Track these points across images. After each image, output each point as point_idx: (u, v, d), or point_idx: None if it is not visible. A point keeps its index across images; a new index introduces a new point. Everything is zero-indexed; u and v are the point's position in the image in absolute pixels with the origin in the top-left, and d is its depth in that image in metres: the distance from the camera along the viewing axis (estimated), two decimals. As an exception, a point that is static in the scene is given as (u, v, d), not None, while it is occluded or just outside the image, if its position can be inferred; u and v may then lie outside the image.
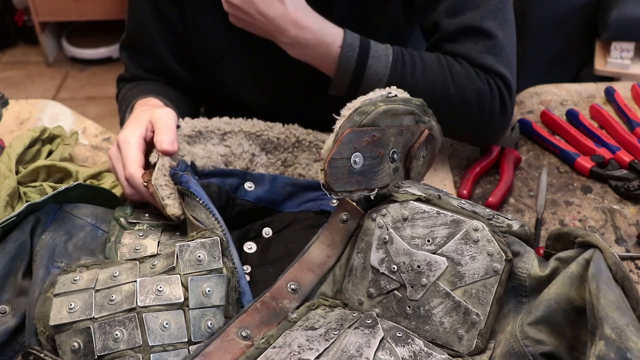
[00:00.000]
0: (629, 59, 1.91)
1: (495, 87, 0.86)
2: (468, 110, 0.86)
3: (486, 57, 0.86)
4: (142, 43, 0.98)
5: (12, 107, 1.13)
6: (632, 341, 0.50)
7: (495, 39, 0.86)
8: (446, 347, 0.60)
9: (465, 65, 0.86)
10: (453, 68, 0.86)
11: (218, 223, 0.66)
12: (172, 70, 1.00)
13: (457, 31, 0.87)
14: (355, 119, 0.65)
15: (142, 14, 0.96)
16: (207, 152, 0.79)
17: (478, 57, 0.86)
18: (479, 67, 0.86)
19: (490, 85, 0.86)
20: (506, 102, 0.88)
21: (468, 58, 0.87)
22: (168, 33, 0.96)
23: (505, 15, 0.88)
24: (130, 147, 0.74)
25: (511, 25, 0.89)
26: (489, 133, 0.92)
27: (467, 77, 0.86)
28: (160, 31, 0.96)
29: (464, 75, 0.86)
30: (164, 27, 0.96)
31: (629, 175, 0.92)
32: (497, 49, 0.87)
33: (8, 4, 3.08)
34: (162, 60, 0.98)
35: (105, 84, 2.90)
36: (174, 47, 0.98)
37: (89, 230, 0.73)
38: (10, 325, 0.65)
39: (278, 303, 0.63)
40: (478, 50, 0.86)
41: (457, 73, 0.86)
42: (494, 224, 0.61)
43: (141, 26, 0.97)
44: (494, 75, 0.87)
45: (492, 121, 0.89)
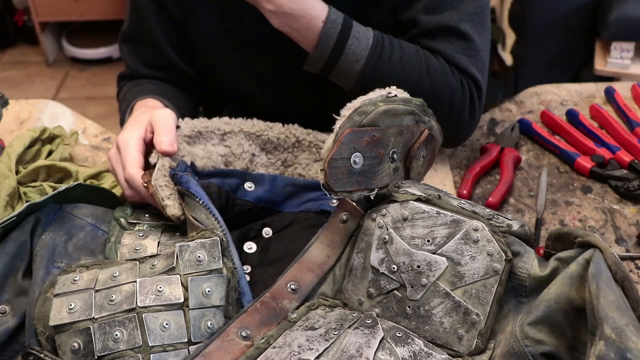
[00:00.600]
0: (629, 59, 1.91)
1: (467, 87, 0.88)
2: (439, 105, 0.84)
3: (461, 58, 0.88)
4: (142, 35, 0.99)
5: (12, 107, 1.13)
6: (632, 341, 0.50)
7: (472, 42, 0.88)
8: (446, 347, 0.60)
9: (441, 61, 0.87)
10: (430, 61, 0.87)
11: (218, 223, 0.66)
12: (172, 62, 1.00)
13: (434, 29, 0.88)
14: (355, 119, 0.65)
15: (142, 6, 0.96)
16: (207, 152, 0.79)
17: (454, 56, 0.87)
18: (454, 66, 0.88)
19: (462, 85, 0.87)
20: (475, 104, 0.89)
21: (444, 55, 0.88)
22: (167, 24, 0.97)
23: (482, 19, 0.89)
24: (129, 148, 0.74)
25: (487, 30, 0.91)
26: (455, 133, 0.92)
27: (443, 73, 0.86)
28: (159, 23, 0.97)
29: (440, 70, 0.87)
30: (164, 18, 0.97)
31: (629, 175, 0.92)
32: (473, 51, 0.88)
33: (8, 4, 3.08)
34: (162, 52, 0.99)
35: (105, 84, 2.90)
36: (173, 39, 0.99)
37: (89, 230, 0.73)
38: (10, 325, 0.65)
39: (278, 303, 0.63)
40: (454, 49, 0.88)
41: (433, 66, 0.86)
42: (494, 224, 0.61)
43: (141, 18, 0.97)
44: (467, 76, 0.88)
45: (460, 121, 0.90)
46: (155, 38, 0.98)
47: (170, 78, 1.02)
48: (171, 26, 0.97)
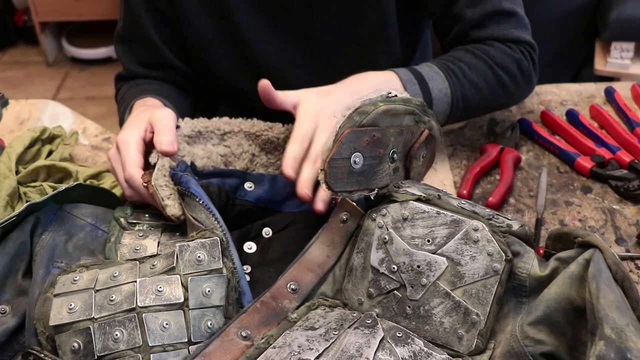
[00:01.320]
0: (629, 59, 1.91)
1: (528, 53, 0.96)
2: (516, 81, 0.95)
3: (513, 32, 0.95)
4: (136, 34, 0.99)
5: (12, 107, 1.13)
6: (632, 341, 0.50)
7: (516, 15, 0.96)
8: (446, 347, 0.60)
9: (496, 45, 0.94)
10: (488, 53, 0.93)
11: (218, 223, 0.66)
12: (167, 61, 1.00)
13: (481, 18, 0.94)
14: (355, 119, 0.65)
15: (134, 5, 0.97)
16: (207, 152, 0.79)
17: (507, 34, 0.95)
18: (510, 41, 0.95)
19: (523, 53, 0.95)
20: (536, 61, 0.98)
21: (497, 38, 0.95)
22: (160, 23, 0.98)
23: None
24: (129, 148, 0.74)
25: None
26: (527, 91, 1.01)
27: (504, 54, 0.94)
28: (152, 21, 0.98)
29: (501, 54, 0.94)
30: (156, 16, 0.97)
31: (629, 175, 0.92)
32: (519, 22, 0.96)
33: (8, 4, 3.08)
34: (157, 51, 0.99)
35: (105, 84, 2.91)
36: (167, 37, 0.99)
37: (89, 230, 0.73)
38: (10, 325, 0.65)
39: (278, 303, 0.63)
40: (505, 28, 0.95)
41: (494, 56, 0.93)
42: (494, 224, 0.61)
43: (134, 17, 0.98)
44: (523, 44, 0.96)
45: (531, 80, 0.98)
46: (149, 37, 0.98)
47: (167, 77, 1.02)
48: (164, 24, 0.98)
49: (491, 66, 0.93)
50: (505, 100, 0.98)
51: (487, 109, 0.99)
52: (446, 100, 0.89)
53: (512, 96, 0.98)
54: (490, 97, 0.94)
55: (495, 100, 0.96)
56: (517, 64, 0.94)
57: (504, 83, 0.93)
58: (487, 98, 0.93)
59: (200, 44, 0.99)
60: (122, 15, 1.00)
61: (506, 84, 0.94)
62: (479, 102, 0.93)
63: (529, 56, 0.96)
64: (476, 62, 0.92)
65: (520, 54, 0.95)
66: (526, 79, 0.97)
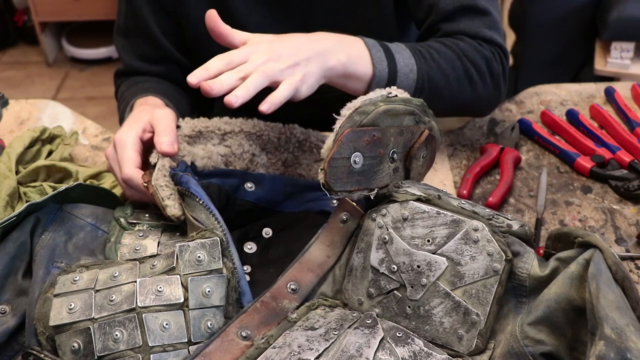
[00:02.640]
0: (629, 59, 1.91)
1: (498, 55, 0.93)
2: (484, 80, 0.92)
3: (485, 31, 0.93)
4: (137, 27, 0.99)
5: (12, 107, 1.13)
6: (632, 341, 0.50)
7: (490, 15, 0.93)
8: (446, 347, 0.60)
9: (467, 40, 0.92)
10: (458, 45, 0.90)
11: (218, 223, 0.66)
12: (168, 54, 1.01)
13: (453, 10, 0.92)
14: (355, 118, 0.65)
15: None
16: (207, 152, 0.79)
17: (478, 32, 0.92)
18: (481, 39, 0.92)
19: (493, 54, 0.93)
20: (506, 68, 0.95)
21: (468, 33, 0.92)
22: (160, 14, 0.98)
23: None
24: (126, 147, 0.74)
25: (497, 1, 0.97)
26: (497, 98, 0.97)
27: (474, 49, 0.91)
28: (153, 13, 0.98)
29: (471, 48, 0.91)
30: (157, 9, 0.98)
31: (629, 175, 0.92)
32: (492, 23, 0.94)
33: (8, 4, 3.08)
34: (158, 43, 0.99)
35: (105, 84, 2.91)
36: (167, 29, 1.00)
37: (89, 230, 0.73)
38: (10, 325, 0.65)
39: (278, 303, 0.63)
40: (476, 25, 0.92)
41: (464, 48, 0.91)
42: (494, 224, 0.61)
43: (135, 9, 0.98)
44: (494, 46, 0.93)
45: (499, 86, 0.95)
46: (150, 29, 0.98)
47: (167, 72, 1.02)
48: (164, 17, 0.98)
49: (460, 57, 0.90)
50: (472, 97, 0.92)
51: (454, 101, 0.92)
52: (412, 77, 0.85)
53: (480, 96, 0.93)
54: (457, 87, 0.90)
55: (461, 93, 0.91)
56: (486, 63, 0.91)
57: (471, 77, 0.90)
58: (454, 88, 0.89)
59: (198, 35, 0.99)
60: (123, 9, 1.01)
61: (474, 79, 0.90)
62: (445, 90, 0.89)
63: (499, 59, 0.93)
64: (445, 50, 0.89)
65: (490, 53, 0.92)
66: (495, 83, 0.93)
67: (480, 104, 0.96)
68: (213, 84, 0.68)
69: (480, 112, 1.01)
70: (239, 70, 0.70)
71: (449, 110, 0.94)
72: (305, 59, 0.74)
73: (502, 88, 0.95)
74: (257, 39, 0.76)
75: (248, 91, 0.69)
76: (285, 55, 0.73)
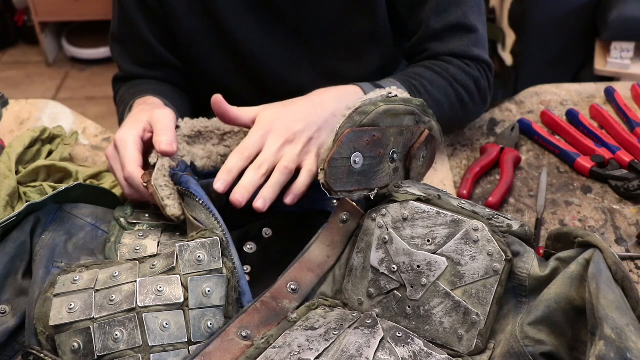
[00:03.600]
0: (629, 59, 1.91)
1: (484, 72, 0.97)
2: (473, 99, 0.96)
3: (473, 50, 0.95)
4: (131, 33, 1.00)
5: (12, 107, 1.13)
6: (632, 341, 0.50)
7: (477, 32, 0.95)
8: (446, 347, 0.60)
9: (455, 63, 0.94)
10: (448, 71, 0.93)
11: (218, 223, 0.66)
12: (163, 58, 1.01)
13: (442, 29, 0.93)
14: (355, 118, 0.65)
15: (127, 4, 0.97)
16: (207, 152, 0.79)
17: (466, 52, 0.95)
18: (469, 59, 0.95)
19: (481, 72, 0.96)
20: (491, 81, 0.99)
21: (457, 54, 0.94)
22: (152, 21, 0.98)
23: (480, 6, 0.96)
24: (127, 147, 0.74)
25: (484, 13, 0.98)
26: (483, 110, 1.02)
27: (463, 72, 0.94)
28: (144, 19, 0.98)
29: (460, 72, 0.93)
30: (148, 15, 0.98)
31: (629, 175, 0.92)
32: (479, 41, 0.96)
33: (8, 4, 3.08)
34: (152, 49, 1.00)
35: (105, 84, 2.90)
36: (160, 35, 1.00)
37: (89, 230, 0.73)
38: (10, 325, 0.65)
39: (278, 303, 0.63)
40: (464, 45, 0.94)
41: (454, 73, 0.93)
42: (494, 224, 0.61)
43: (127, 16, 0.99)
44: (481, 63, 0.96)
45: (486, 100, 0.99)
46: (143, 35, 0.98)
47: (165, 76, 1.03)
48: (156, 23, 0.98)
49: (451, 83, 0.93)
50: (463, 117, 0.98)
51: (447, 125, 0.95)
52: None
53: (470, 114, 0.99)
54: (450, 113, 0.93)
55: (454, 117, 0.95)
56: (474, 82, 0.95)
57: (463, 100, 0.94)
58: (447, 115, 0.92)
59: (191, 42, 0.99)
60: (116, 15, 1.01)
61: (465, 101, 0.94)
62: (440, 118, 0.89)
63: (485, 75, 0.97)
64: (437, 79, 0.92)
65: (477, 72, 0.95)
66: (482, 98, 0.97)
67: (470, 119, 1.02)
68: (241, 196, 0.69)
69: (468, 123, 1.05)
70: (260, 166, 0.71)
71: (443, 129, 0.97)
72: (316, 130, 0.75)
73: (489, 99, 1.00)
74: (266, 115, 0.75)
75: (275, 191, 0.71)
76: (299, 133, 0.74)
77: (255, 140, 0.73)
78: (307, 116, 0.76)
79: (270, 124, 0.74)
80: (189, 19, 0.97)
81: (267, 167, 0.71)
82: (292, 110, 0.77)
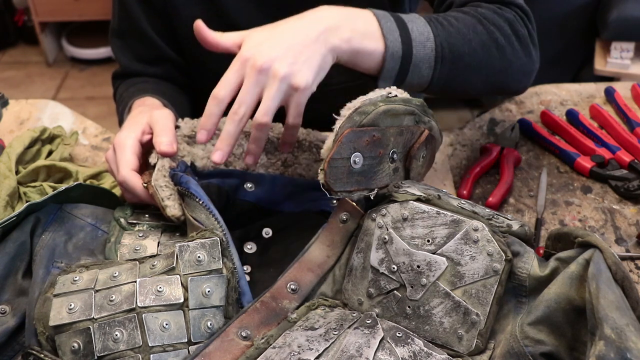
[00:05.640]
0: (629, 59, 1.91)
1: (519, 16, 0.87)
2: (511, 43, 0.84)
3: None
4: (131, 28, 0.99)
5: (12, 107, 1.13)
6: (632, 341, 0.50)
7: None
8: (446, 347, 0.60)
9: (485, 5, 0.85)
10: (477, 10, 0.84)
11: (218, 223, 0.66)
12: (163, 54, 1.01)
13: None
14: (355, 119, 0.65)
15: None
16: (207, 152, 0.79)
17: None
18: (499, 3, 0.86)
19: (515, 15, 0.86)
20: (532, 32, 0.88)
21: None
22: (152, 14, 0.98)
23: None
24: (124, 150, 0.74)
25: None
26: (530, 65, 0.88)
27: (494, 12, 0.85)
28: (144, 13, 0.98)
29: (490, 12, 0.85)
30: (147, 8, 0.98)
31: (629, 175, 0.92)
32: None
33: (8, 4, 3.09)
34: (152, 43, 0.99)
35: (105, 84, 2.91)
36: (160, 29, 0.99)
37: (89, 230, 0.73)
38: (10, 325, 0.65)
39: (278, 303, 0.63)
40: None
41: (483, 13, 0.84)
42: (494, 224, 0.61)
43: (127, 10, 0.98)
44: (514, 7, 0.87)
45: (530, 51, 0.87)
46: (143, 29, 0.98)
47: (164, 73, 1.02)
48: (155, 16, 0.98)
49: (481, 20, 0.83)
50: (503, 64, 0.84)
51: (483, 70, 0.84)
52: (429, 45, 0.78)
53: (511, 63, 0.85)
54: (483, 53, 0.82)
55: (489, 59, 0.83)
56: (509, 25, 0.84)
57: (497, 40, 0.82)
58: (480, 54, 0.81)
59: (190, 35, 0.99)
60: (116, 10, 1.01)
61: (500, 43, 0.82)
62: (470, 57, 0.81)
63: (521, 22, 0.87)
64: (463, 17, 0.83)
65: (512, 14, 0.85)
66: (524, 47, 0.86)
67: (514, 71, 0.87)
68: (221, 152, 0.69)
69: (517, 83, 0.90)
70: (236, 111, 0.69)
71: (482, 82, 0.85)
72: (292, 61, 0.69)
73: (533, 54, 0.87)
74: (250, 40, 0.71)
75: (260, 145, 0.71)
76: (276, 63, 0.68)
77: (230, 76, 0.69)
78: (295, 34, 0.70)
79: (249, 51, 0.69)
80: (188, 8, 0.96)
81: (245, 110, 0.68)
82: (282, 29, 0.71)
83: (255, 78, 0.68)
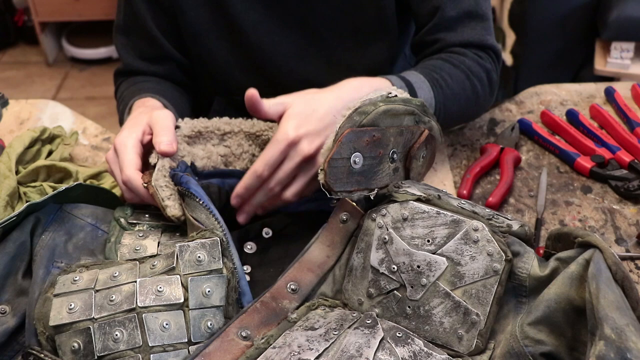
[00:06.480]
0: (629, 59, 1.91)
1: (494, 62, 0.97)
2: (485, 91, 0.95)
3: (486, 38, 0.95)
4: (136, 25, 0.99)
5: (12, 107, 1.13)
6: (632, 341, 0.50)
7: (488, 20, 0.95)
8: (446, 347, 0.60)
9: (469, 55, 0.93)
10: (464, 63, 0.92)
11: (218, 223, 0.66)
12: (166, 52, 1.01)
13: (457, 16, 0.93)
14: (355, 119, 0.65)
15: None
16: (207, 152, 0.79)
17: (481, 40, 0.94)
18: (480, 49, 0.95)
19: (491, 62, 0.96)
20: (498, 69, 0.98)
21: (473, 43, 0.94)
22: (158, 13, 0.98)
23: None
24: (126, 150, 0.74)
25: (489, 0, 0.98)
26: (490, 102, 1.00)
27: (477, 64, 0.93)
28: (150, 11, 0.98)
29: (475, 64, 0.93)
30: (153, 7, 0.98)
31: (629, 175, 0.92)
32: (489, 28, 0.96)
33: (8, 4, 3.09)
34: (156, 42, 1.00)
35: (105, 84, 2.91)
36: (165, 28, 1.00)
37: (89, 230, 0.73)
38: (10, 325, 0.66)
39: (278, 303, 0.63)
40: (477, 34, 0.94)
41: (470, 66, 0.92)
42: (494, 224, 0.61)
43: (132, 6, 0.98)
44: (490, 52, 0.96)
45: (494, 90, 0.98)
46: (149, 27, 0.98)
47: (166, 72, 1.02)
48: (161, 15, 0.98)
49: (468, 76, 0.92)
50: (475, 110, 0.98)
51: (461, 119, 0.99)
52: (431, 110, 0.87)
53: (481, 107, 0.98)
54: (466, 106, 0.93)
55: (468, 109, 0.95)
56: (487, 75, 0.94)
57: (477, 93, 0.93)
58: (463, 108, 0.92)
59: (196, 34, 0.99)
60: (122, 7, 1.01)
61: (479, 94, 0.93)
62: (456, 112, 0.92)
63: (494, 66, 0.96)
64: (456, 73, 0.91)
65: (490, 63, 0.95)
66: (492, 90, 0.97)
67: (481, 110, 1.00)
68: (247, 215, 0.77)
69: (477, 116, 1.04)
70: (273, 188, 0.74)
71: (456, 122, 1.00)
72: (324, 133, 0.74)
73: (495, 91, 0.99)
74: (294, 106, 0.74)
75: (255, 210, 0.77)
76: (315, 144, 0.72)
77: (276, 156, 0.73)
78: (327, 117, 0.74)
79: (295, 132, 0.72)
80: (195, 9, 0.96)
81: (280, 188, 0.75)
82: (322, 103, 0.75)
83: (299, 164, 0.73)
